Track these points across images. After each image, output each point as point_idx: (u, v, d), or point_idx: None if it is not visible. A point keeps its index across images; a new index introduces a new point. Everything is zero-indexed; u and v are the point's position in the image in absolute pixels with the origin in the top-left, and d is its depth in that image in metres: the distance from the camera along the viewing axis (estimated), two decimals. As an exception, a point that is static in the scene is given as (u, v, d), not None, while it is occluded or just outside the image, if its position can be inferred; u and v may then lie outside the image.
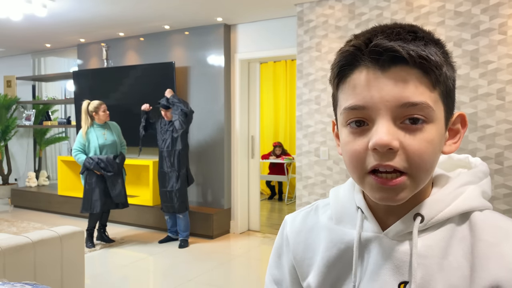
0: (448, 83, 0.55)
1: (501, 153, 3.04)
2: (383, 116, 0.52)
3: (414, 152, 0.52)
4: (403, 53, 0.51)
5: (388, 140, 0.51)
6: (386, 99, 0.52)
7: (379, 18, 3.46)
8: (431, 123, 0.53)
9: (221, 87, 4.79)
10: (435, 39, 0.55)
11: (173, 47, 5.12)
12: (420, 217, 0.56)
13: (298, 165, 3.93)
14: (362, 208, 0.62)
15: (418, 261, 0.55)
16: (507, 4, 3.00)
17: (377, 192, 0.54)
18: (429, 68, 0.52)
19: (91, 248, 4.25)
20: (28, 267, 2.13)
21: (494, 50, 3.05)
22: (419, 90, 0.52)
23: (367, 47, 0.53)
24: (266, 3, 4.03)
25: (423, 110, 0.52)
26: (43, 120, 6.64)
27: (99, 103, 4.24)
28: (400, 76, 0.52)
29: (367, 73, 0.53)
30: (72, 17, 4.62)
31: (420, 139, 0.52)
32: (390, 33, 0.53)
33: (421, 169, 0.53)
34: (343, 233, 0.63)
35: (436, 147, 0.54)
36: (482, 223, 0.56)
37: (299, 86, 3.90)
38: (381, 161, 0.52)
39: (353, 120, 0.54)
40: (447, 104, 0.56)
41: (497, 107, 3.05)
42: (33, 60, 6.85)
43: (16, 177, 7.12)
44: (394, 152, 0.52)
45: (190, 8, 4.25)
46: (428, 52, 0.51)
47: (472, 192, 0.58)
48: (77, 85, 5.74)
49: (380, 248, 0.59)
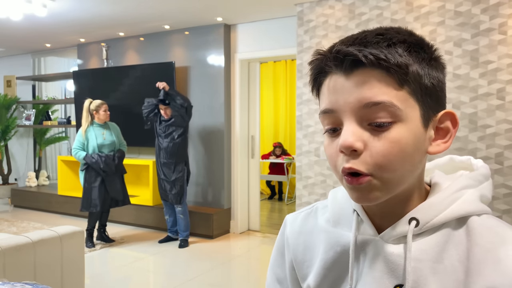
0: (423, 82, 0.54)
1: (501, 153, 3.04)
2: (348, 118, 0.54)
3: (377, 153, 0.52)
4: (360, 56, 0.52)
5: (351, 142, 0.52)
6: (349, 101, 0.53)
7: (379, 18, 3.46)
8: (400, 123, 0.53)
9: (221, 87, 4.79)
10: (409, 39, 0.55)
11: (173, 47, 5.12)
12: (415, 221, 0.57)
13: (298, 165, 3.93)
14: (358, 211, 0.62)
15: (412, 265, 0.55)
16: (507, 4, 3.00)
17: (351, 192, 0.56)
18: (390, 68, 0.52)
19: (91, 248, 4.25)
20: (28, 267, 2.13)
21: (494, 50, 3.04)
22: (382, 90, 0.52)
23: (330, 54, 0.55)
24: (266, 3, 4.03)
25: (387, 109, 0.52)
26: (43, 120, 6.64)
27: (101, 103, 4.25)
28: (362, 78, 0.53)
29: (333, 78, 0.56)
30: (72, 17, 4.62)
31: (385, 140, 0.52)
32: (355, 38, 0.54)
33: (386, 170, 0.53)
34: (340, 236, 0.64)
35: (405, 146, 0.53)
36: (479, 227, 0.56)
37: (299, 86, 3.90)
38: (346, 163, 0.54)
39: (328, 128, 0.57)
40: (425, 102, 0.55)
41: (497, 107, 3.05)
42: (33, 60, 6.85)
43: (16, 177, 7.12)
44: (358, 154, 0.53)
45: (190, 8, 4.25)
46: (388, 53, 0.52)
47: (469, 197, 0.58)
48: (77, 85, 5.74)
49: (376, 251, 0.59)
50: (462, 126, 3.17)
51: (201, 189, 5.00)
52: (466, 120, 3.15)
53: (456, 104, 3.18)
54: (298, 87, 3.91)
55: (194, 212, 4.68)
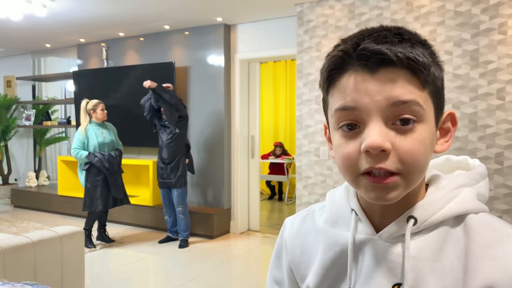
0: (437, 83, 0.55)
1: (501, 153, 3.04)
2: (374, 118, 0.53)
3: (406, 152, 0.52)
4: (391, 55, 0.51)
5: (381, 142, 0.51)
6: (376, 99, 0.52)
7: (379, 18, 3.46)
8: (422, 123, 0.53)
9: (221, 87, 4.79)
10: (421, 40, 0.56)
11: (173, 47, 5.12)
12: (413, 219, 0.57)
13: (298, 165, 3.93)
14: (356, 210, 0.62)
15: (411, 263, 0.56)
16: (507, 4, 3.00)
17: (371, 191, 0.54)
18: (417, 69, 0.52)
19: (91, 248, 4.24)
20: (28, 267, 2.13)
21: (494, 50, 3.04)
22: (409, 89, 0.52)
23: (355, 51, 0.54)
24: (266, 3, 4.03)
25: (413, 109, 0.52)
26: (43, 120, 6.64)
27: (98, 102, 4.27)
28: (389, 77, 0.52)
29: (356, 76, 0.54)
30: (72, 17, 4.62)
31: (411, 139, 0.52)
32: (377, 37, 0.53)
33: (414, 169, 0.53)
34: (338, 236, 0.63)
35: (427, 146, 0.54)
36: (477, 225, 0.56)
37: (299, 86, 3.90)
38: (374, 163, 0.52)
39: (345, 124, 0.55)
40: (437, 103, 0.56)
41: (497, 107, 3.05)
42: (33, 60, 6.85)
43: (16, 177, 7.12)
44: (386, 154, 0.52)
45: (190, 8, 4.25)
46: (416, 53, 0.52)
47: (467, 195, 0.58)
48: (77, 85, 5.74)
49: (374, 250, 0.59)
50: (462, 126, 3.17)
51: (201, 189, 5.00)
52: (466, 120, 3.15)
53: (456, 104, 3.18)
54: (298, 87, 3.91)
55: (194, 212, 4.68)
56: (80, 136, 4.17)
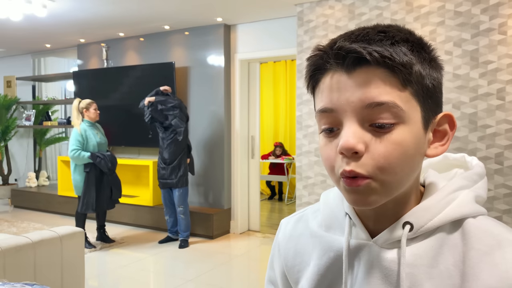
0: (424, 83, 0.52)
1: (501, 153, 3.04)
2: (349, 119, 0.52)
3: (379, 155, 0.50)
4: (365, 54, 0.50)
5: (353, 144, 0.50)
6: (351, 100, 0.51)
7: (379, 18, 3.46)
8: (402, 124, 0.51)
9: (221, 87, 4.79)
10: (410, 38, 0.53)
11: (173, 47, 5.12)
12: (409, 225, 0.55)
13: (298, 165, 3.93)
14: (350, 214, 0.61)
15: (407, 271, 0.54)
16: (507, 4, 3.00)
17: (348, 195, 0.53)
18: (395, 67, 0.50)
19: (91, 248, 4.24)
20: (28, 268, 2.13)
21: (494, 50, 3.04)
22: (385, 90, 0.50)
23: (331, 50, 0.53)
24: (266, 3, 4.03)
25: (390, 110, 0.50)
26: (43, 120, 6.63)
27: (91, 101, 4.23)
28: (365, 77, 0.51)
29: (334, 76, 0.53)
30: (72, 18, 4.62)
31: (387, 142, 0.51)
32: (357, 35, 0.52)
33: (387, 173, 0.51)
34: (333, 241, 0.62)
35: (407, 149, 0.51)
36: (475, 230, 0.54)
37: (299, 86, 3.90)
38: (346, 166, 0.51)
39: (325, 128, 0.54)
40: (425, 104, 0.53)
41: (497, 107, 3.05)
42: (33, 61, 6.85)
43: (16, 177, 7.12)
44: (359, 156, 0.51)
45: (190, 9, 4.25)
46: (393, 51, 0.50)
47: (464, 198, 0.56)
48: (77, 85, 5.74)
49: (369, 256, 0.58)
50: (462, 126, 3.17)
51: (201, 190, 5.00)
52: (466, 120, 3.15)
53: (456, 104, 3.18)
54: (298, 87, 3.91)
55: (194, 212, 4.68)
56: (78, 137, 4.08)
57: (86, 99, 4.27)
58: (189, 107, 4.95)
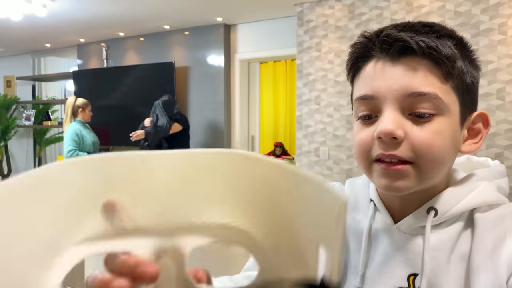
0: (464, 78, 0.53)
1: (501, 153, 3.04)
2: (389, 106, 0.52)
3: (420, 142, 0.51)
4: (412, 43, 0.51)
5: (392, 129, 0.51)
6: (393, 88, 0.52)
7: (379, 18, 3.46)
8: (441, 116, 0.52)
9: (221, 87, 4.79)
10: (453, 34, 0.54)
11: (173, 47, 5.12)
12: (433, 211, 0.56)
13: (298, 165, 3.93)
14: (375, 201, 0.62)
15: (430, 255, 0.55)
16: (507, 4, 3.00)
17: (382, 178, 0.54)
18: (439, 59, 0.51)
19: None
20: (28, 267, 2.12)
21: (494, 50, 3.04)
22: (429, 80, 0.51)
23: (377, 38, 0.53)
24: (266, 3, 4.03)
25: (431, 101, 0.51)
26: (43, 120, 6.63)
27: (88, 102, 4.07)
28: (410, 66, 0.52)
29: (377, 63, 0.54)
30: (72, 17, 4.62)
31: (427, 130, 0.51)
32: (404, 26, 0.53)
33: (428, 160, 0.52)
34: (354, 222, 0.63)
35: (446, 139, 0.52)
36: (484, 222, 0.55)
37: (299, 86, 3.90)
38: (385, 150, 0.52)
39: (363, 115, 0.55)
40: (464, 100, 0.54)
41: (497, 107, 3.05)
42: (33, 60, 6.85)
43: (16, 177, 7.11)
44: (398, 142, 0.51)
45: (190, 8, 4.25)
46: (439, 43, 0.51)
47: (486, 187, 0.57)
48: (77, 85, 5.74)
49: (391, 240, 0.59)
50: (462, 126, 3.17)
51: (201, 189, 5.00)
52: (466, 120, 3.15)
53: (456, 104, 3.18)
54: (298, 87, 3.91)
55: (194, 212, 4.68)
56: (74, 136, 3.93)
57: (82, 99, 4.07)
58: (189, 107, 4.95)
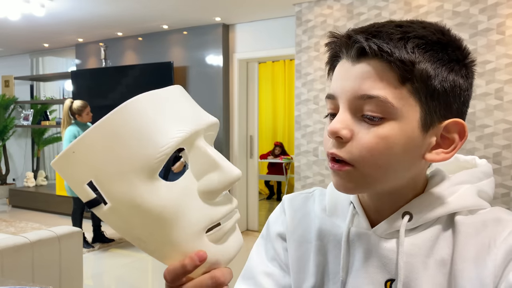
0: (431, 83, 0.50)
1: (499, 153, 3.05)
2: (343, 106, 0.53)
3: (362, 145, 0.51)
4: (364, 45, 0.51)
5: (337, 128, 0.52)
6: (346, 89, 0.53)
7: (378, 18, 3.47)
8: (392, 120, 0.50)
9: (219, 87, 4.78)
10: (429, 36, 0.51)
11: (171, 47, 5.12)
12: (408, 215, 0.56)
13: (296, 165, 3.93)
14: (354, 203, 0.62)
15: (404, 260, 0.55)
16: (505, 4, 3.00)
17: (333, 177, 0.56)
18: (393, 63, 0.49)
19: (89, 248, 4.24)
20: (26, 268, 2.12)
21: (492, 50, 3.05)
22: (379, 84, 0.50)
23: (342, 39, 0.54)
24: (264, 3, 4.03)
25: (379, 104, 0.50)
26: (41, 120, 6.62)
27: (83, 105, 4.05)
28: (365, 69, 0.52)
29: (343, 64, 0.55)
30: (70, 17, 4.61)
31: (373, 133, 0.51)
32: (371, 26, 0.53)
33: (368, 163, 0.51)
34: (334, 226, 0.64)
35: (393, 146, 0.50)
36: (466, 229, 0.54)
37: (297, 86, 3.90)
38: (329, 148, 0.54)
39: (329, 113, 0.57)
40: (428, 105, 0.51)
41: (495, 107, 3.05)
42: (31, 60, 6.83)
43: (14, 177, 7.10)
44: (343, 142, 0.52)
45: (189, 8, 4.25)
46: (395, 46, 0.49)
47: (465, 191, 0.56)
48: (75, 85, 5.73)
49: (368, 245, 0.59)
50: (460, 126, 3.18)
51: (199, 189, 5.00)
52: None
53: (454, 104, 3.19)
54: (296, 87, 3.91)
55: (193, 212, 4.67)
56: (72, 139, 3.93)
57: (78, 101, 4.06)
58: (187, 107, 4.95)
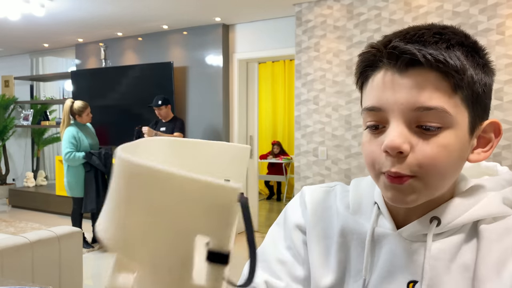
0: (475, 89, 0.52)
1: (499, 153, 3.05)
2: (396, 119, 0.52)
3: (425, 157, 0.51)
4: (419, 56, 0.49)
5: (398, 144, 0.50)
6: (400, 102, 0.51)
7: (378, 18, 3.47)
8: (449, 128, 0.51)
9: (219, 87, 4.78)
10: (466, 41, 0.53)
11: (171, 47, 5.12)
12: (436, 220, 0.56)
13: (296, 165, 3.93)
14: (379, 204, 0.61)
15: (430, 263, 0.55)
16: (505, 5, 3.00)
17: (388, 191, 0.54)
18: (447, 72, 0.50)
19: (89, 248, 4.23)
20: (26, 268, 2.12)
21: (492, 50, 3.05)
22: (436, 94, 0.50)
23: (385, 49, 0.52)
24: (264, 3, 4.03)
25: (437, 115, 0.50)
26: (41, 120, 6.62)
27: (84, 106, 4.08)
28: (417, 79, 0.51)
29: (385, 74, 0.53)
30: (70, 17, 4.61)
31: (434, 144, 0.51)
32: (413, 35, 0.52)
33: (432, 174, 0.52)
34: (357, 224, 0.63)
35: (452, 152, 0.52)
36: (489, 235, 0.55)
37: (297, 86, 3.90)
38: (391, 167, 0.52)
39: (370, 124, 0.55)
40: (474, 110, 0.53)
41: (495, 107, 3.05)
42: (31, 60, 6.83)
43: (14, 177, 7.10)
44: (404, 156, 0.51)
45: (189, 8, 4.25)
46: (448, 56, 0.50)
47: (491, 199, 0.57)
48: (75, 85, 5.73)
49: (392, 246, 0.59)
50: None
51: (199, 189, 4.99)
52: (464, 120, 3.16)
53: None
54: (296, 87, 3.91)
55: (193, 212, 4.67)
56: (71, 139, 3.99)
57: (79, 102, 4.10)
58: (187, 107, 4.95)
